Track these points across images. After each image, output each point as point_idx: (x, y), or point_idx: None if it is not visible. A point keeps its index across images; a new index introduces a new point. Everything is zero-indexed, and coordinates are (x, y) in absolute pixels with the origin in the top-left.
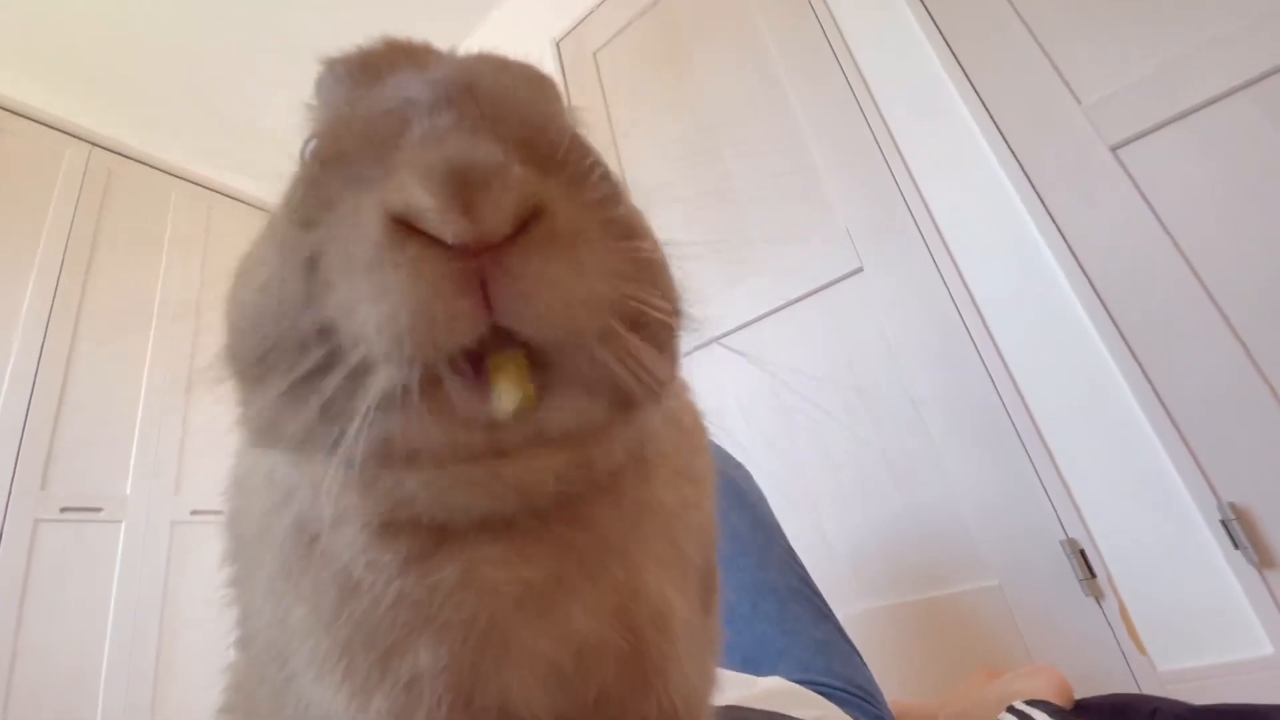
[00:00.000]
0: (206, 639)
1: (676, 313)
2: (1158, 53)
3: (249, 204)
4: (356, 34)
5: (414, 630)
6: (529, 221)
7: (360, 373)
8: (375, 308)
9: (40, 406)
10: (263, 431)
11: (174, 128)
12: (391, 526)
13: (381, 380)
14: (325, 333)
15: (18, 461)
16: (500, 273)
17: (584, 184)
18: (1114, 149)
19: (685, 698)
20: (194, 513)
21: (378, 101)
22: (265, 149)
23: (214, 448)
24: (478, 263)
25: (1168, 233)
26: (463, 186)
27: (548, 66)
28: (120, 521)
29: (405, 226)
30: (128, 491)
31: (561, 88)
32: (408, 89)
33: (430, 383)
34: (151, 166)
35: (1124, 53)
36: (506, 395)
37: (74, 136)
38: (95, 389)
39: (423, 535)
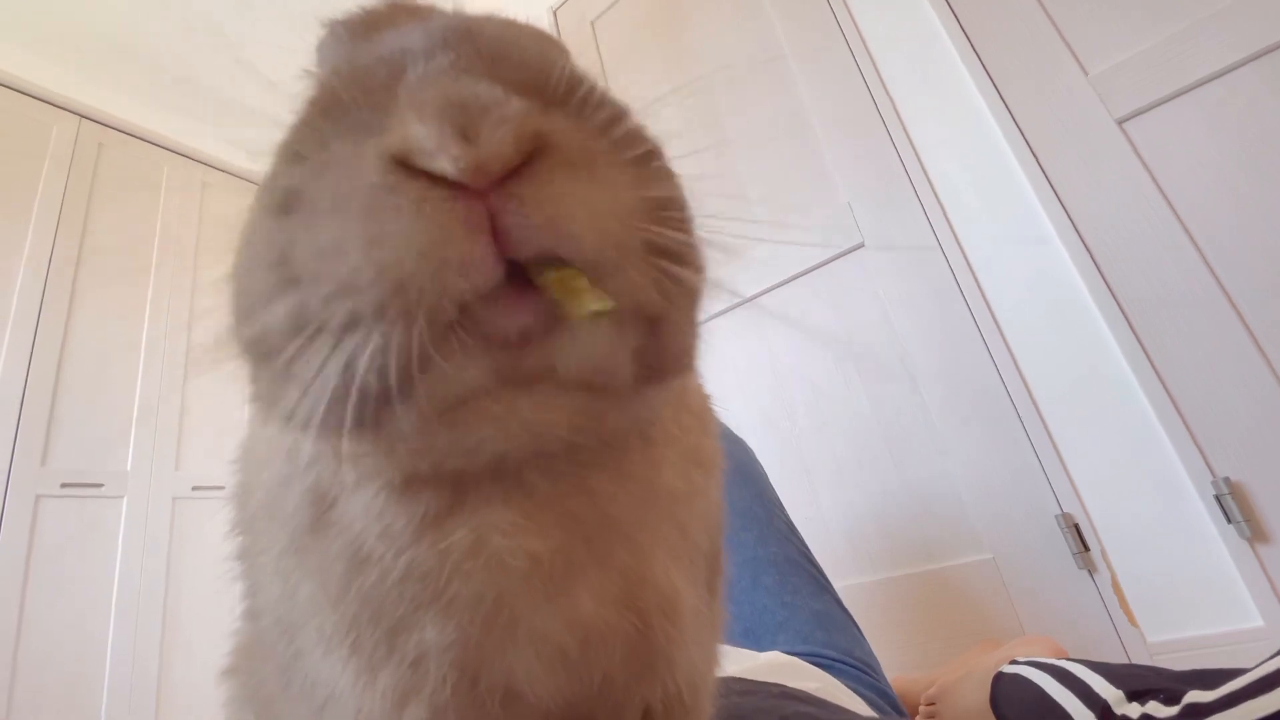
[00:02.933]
0: (210, 614)
1: (700, 262)
2: (1166, 23)
3: (244, 178)
4: (347, 1)
5: (421, 605)
6: (536, 152)
7: (345, 330)
8: (370, 254)
9: (38, 382)
10: (270, 411)
11: (166, 100)
12: (413, 483)
13: (377, 338)
14: (297, 281)
15: (16, 437)
16: (513, 207)
17: (591, 113)
18: (1120, 122)
19: (690, 682)
20: (195, 488)
21: (375, 51)
22: (260, 121)
23: (214, 424)
24: (485, 202)
25: (1171, 208)
26: (461, 117)
27: None
28: (122, 497)
29: (405, 169)
30: (128, 467)
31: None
32: (406, 38)
33: (467, 317)
34: (143, 140)
35: (1132, 23)
36: (581, 302)
37: (62, 109)
38: (93, 364)
39: (439, 493)
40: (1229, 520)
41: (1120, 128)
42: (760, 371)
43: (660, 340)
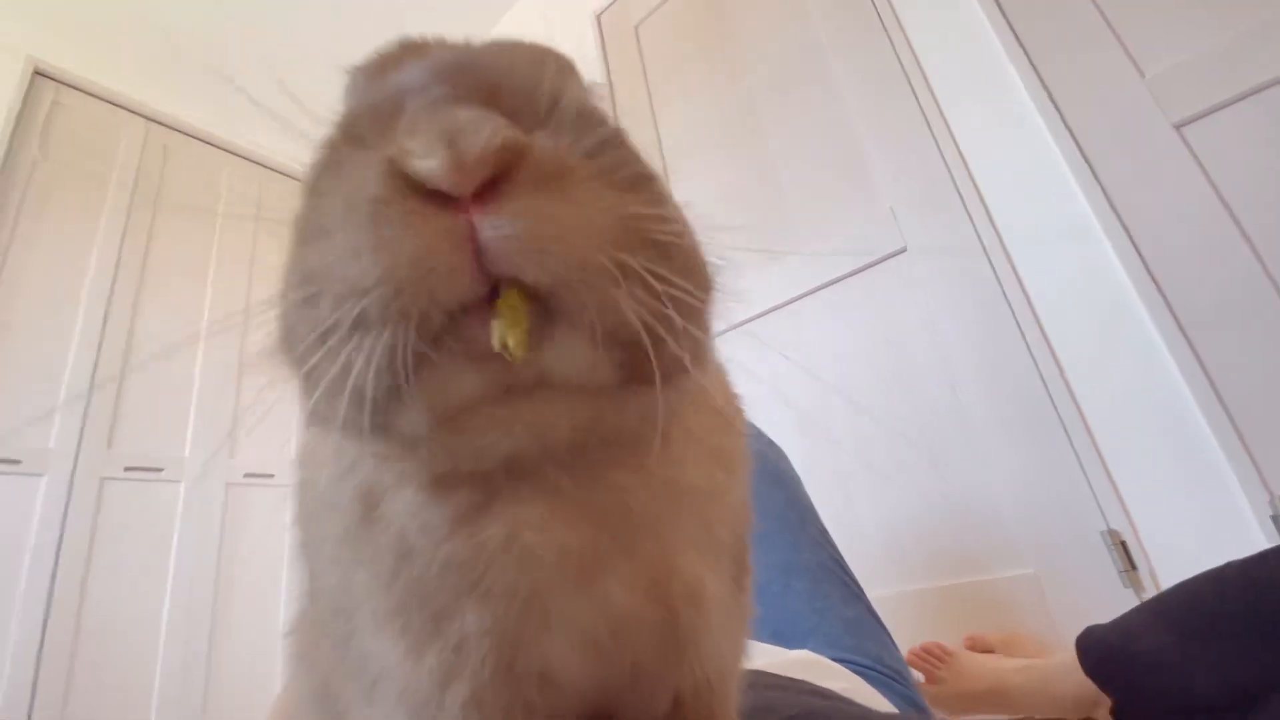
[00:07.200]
0: (258, 594)
1: (700, 272)
2: (1228, 25)
3: (299, 180)
4: (401, 3)
5: (461, 594)
6: (514, 165)
7: (353, 331)
8: (375, 258)
9: (106, 372)
10: (311, 416)
11: (227, 104)
12: (443, 482)
13: (383, 339)
14: (317, 289)
15: (85, 423)
16: (490, 222)
17: (574, 133)
18: (1178, 127)
19: (718, 670)
20: (247, 475)
21: (382, 89)
22: (315, 128)
23: (266, 415)
24: (467, 216)
25: (1232, 216)
26: (447, 133)
27: (588, 40)
28: (179, 482)
29: (401, 182)
30: (186, 453)
31: (578, 66)
32: (407, 76)
33: (453, 328)
34: (206, 143)
35: (1192, 24)
36: (497, 333)
37: (132, 112)
38: (157, 355)
39: (471, 491)
40: None
41: (1178, 132)
42: (797, 377)
43: (644, 355)
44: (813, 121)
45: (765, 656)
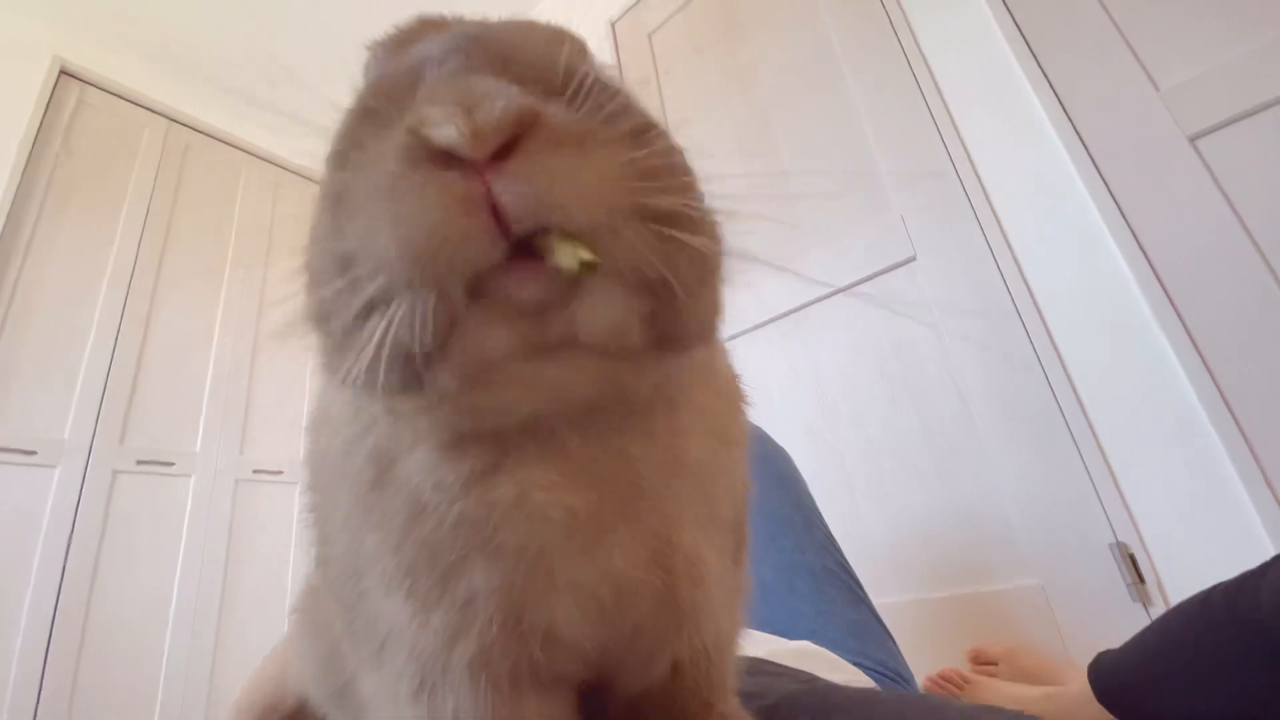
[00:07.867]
0: (265, 587)
1: (711, 227)
2: (1243, 38)
3: (314, 180)
4: (417, 10)
5: (472, 552)
6: (529, 129)
7: (381, 302)
8: (394, 233)
9: (121, 366)
10: (330, 372)
11: (246, 105)
12: (459, 442)
13: (403, 307)
14: (346, 263)
15: (99, 416)
16: (509, 184)
17: (586, 98)
18: (1192, 139)
19: (715, 639)
20: (255, 471)
21: (401, 62)
22: (331, 126)
23: (275, 413)
24: (483, 181)
25: (1245, 229)
26: (464, 101)
27: (602, 48)
28: (190, 476)
29: (417, 152)
30: (197, 449)
31: (589, 47)
32: (426, 49)
33: (482, 288)
34: (225, 143)
35: (1208, 36)
36: (566, 256)
37: (153, 112)
38: (171, 352)
39: (484, 450)
40: None
41: (1192, 145)
42: (804, 382)
43: (669, 307)
44: (824, 129)
45: (766, 644)
